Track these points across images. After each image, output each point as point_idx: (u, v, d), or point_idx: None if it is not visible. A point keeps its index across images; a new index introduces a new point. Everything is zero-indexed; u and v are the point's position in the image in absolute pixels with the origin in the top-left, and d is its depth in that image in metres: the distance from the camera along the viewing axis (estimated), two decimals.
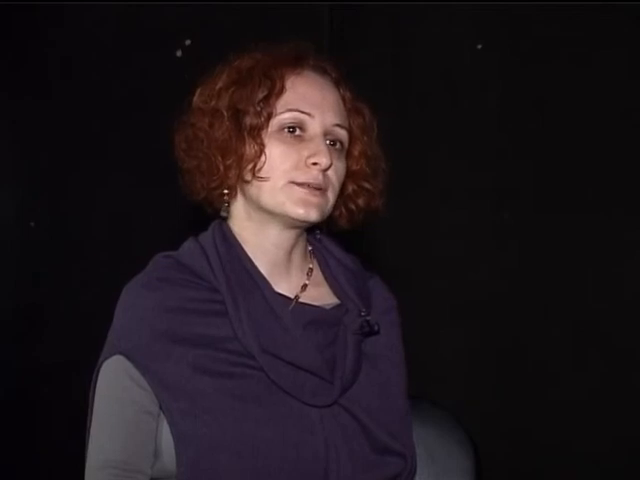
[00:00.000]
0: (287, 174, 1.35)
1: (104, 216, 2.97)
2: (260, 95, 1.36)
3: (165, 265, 1.41)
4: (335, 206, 1.43)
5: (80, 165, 2.97)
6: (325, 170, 1.35)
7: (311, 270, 1.47)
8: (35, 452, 3.00)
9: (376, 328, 1.43)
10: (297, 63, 1.40)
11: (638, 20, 2.45)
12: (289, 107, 1.36)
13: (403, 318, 1.55)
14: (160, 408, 1.33)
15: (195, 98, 1.41)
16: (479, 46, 2.64)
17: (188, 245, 1.44)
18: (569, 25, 2.52)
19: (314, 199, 1.35)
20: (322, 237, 1.52)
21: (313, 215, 1.36)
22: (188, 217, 1.47)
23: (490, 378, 2.63)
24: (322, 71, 1.42)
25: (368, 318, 1.43)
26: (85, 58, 2.98)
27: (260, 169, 1.36)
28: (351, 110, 1.44)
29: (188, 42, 2.86)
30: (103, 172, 2.93)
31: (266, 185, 1.36)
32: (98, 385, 1.37)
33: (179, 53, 2.87)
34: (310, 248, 1.50)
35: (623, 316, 2.49)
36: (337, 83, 1.43)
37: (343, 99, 1.43)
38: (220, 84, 1.39)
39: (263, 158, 1.35)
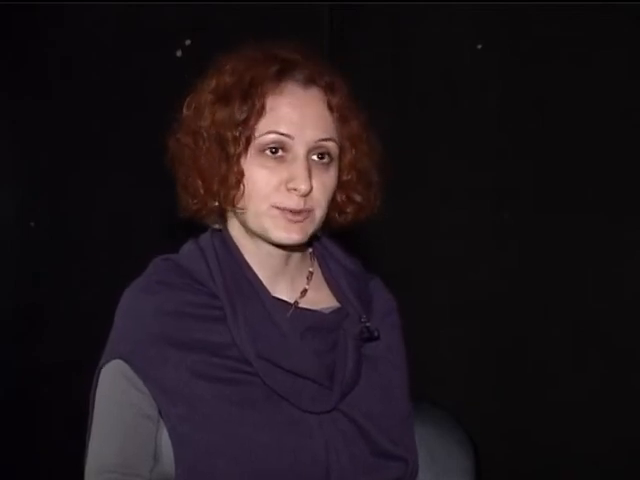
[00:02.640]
0: (268, 198, 1.32)
1: (104, 216, 2.97)
2: (239, 118, 1.32)
3: (164, 268, 1.41)
4: (328, 212, 1.40)
5: (80, 165, 2.97)
6: (306, 195, 1.32)
7: (311, 274, 1.46)
8: (35, 452, 3.00)
9: (376, 334, 1.42)
10: (279, 78, 1.34)
11: (638, 20, 2.45)
12: (268, 129, 1.32)
13: (403, 318, 1.55)
14: (159, 412, 1.32)
15: (184, 109, 1.39)
16: (479, 46, 2.63)
17: (188, 248, 1.44)
18: (569, 25, 2.52)
19: (296, 225, 1.33)
20: (323, 238, 1.50)
21: (296, 239, 1.34)
22: (193, 219, 1.47)
23: (490, 378, 2.63)
24: (308, 81, 1.36)
25: (368, 324, 1.42)
26: (85, 58, 2.97)
27: (240, 198, 1.34)
28: (339, 118, 1.38)
29: (188, 42, 2.86)
30: (103, 172, 2.93)
31: (249, 211, 1.34)
32: (98, 389, 1.37)
33: (179, 53, 2.87)
34: (310, 250, 1.49)
35: (623, 316, 2.49)
36: (326, 90, 1.37)
37: (330, 108, 1.37)
38: (203, 99, 1.37)
39: (242, 188, 1.33)
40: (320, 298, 1.44)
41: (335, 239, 1.53)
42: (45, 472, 2.98)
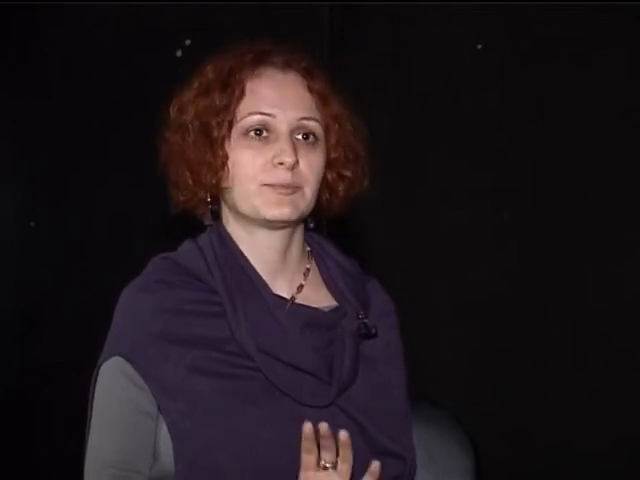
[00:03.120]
0: (256, 177, 1.35)
1: (104, 216, 2.97)
2: (220, 104, 1.35)
3: (163, 267, 1.41)
4: (320, 195, 1.42)
5: (80, 165, 2.97)
6: (292, 168, 1.34)
7: (308, 270, 1.46)
8: (35, 452, 3.00)
9: (373, 331, 1.42)
10: (256, 64, 1.38)
11: (638, 20, 2.45)
12: (250, 111, 1.35)
13: (403, 318, 1.54)
14: (158, 409, 1.33)
15: (170, 110, 1.42)
16: (479, 46, 2.64)
17: (186, 246, 1.44)
18: (569, 25, 2.52)
19: (286, 198, 1.34)
20: (321, 239, 1.51)
21: (287, 214, 1.35)
22: (188, 218, 1.47)
23: (490, 378, 2.63)
24: (285, 66, 1.40)
25: (365, 321, 1.42)
26: (85, 58, 2.98)
27: (226, 181, 1.36)
28: (320, 100, 1.40)
29: (188, 42, 2.86)
30: (103, 172, 2.93)
31: (238, 192, 1.36)
32: (97, 387, 1.37)
33: (179, 53, 2.87)
34: (309, 249, 1.49)
35: (623, 316, 2.49)
36: (304, 74, 1.40)
37: (310, 90, 1.40)
38: (186, 97, 1.40)
39: (227, 170, 1.36)
40: (318, 297, 1.44)
41: (334, 238, 1.54)
42: (45, 472, 2.98)
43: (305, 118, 1.37)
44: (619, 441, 2.48)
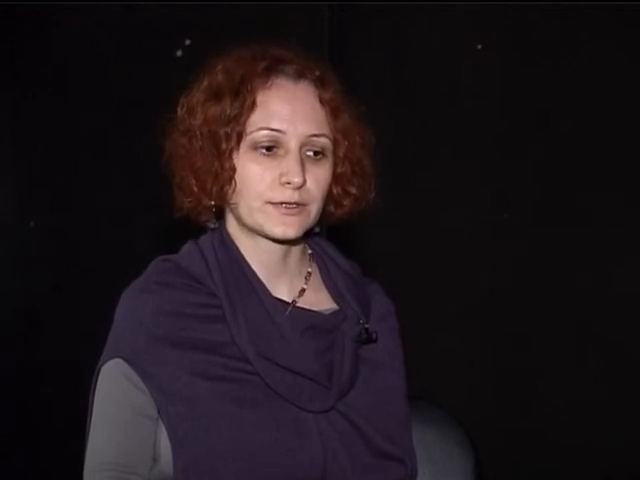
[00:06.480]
0: (262, 195, 1.34)
1: (104, 216, 2.97)
2: (231, 114, 1.34)
3: (164, 269, 1.41)
4: (324, 206, 1.41)
5: (80, 165, 2.97)
6: (299, 187, 1.33)
7: (309, 274, 1.46)
8: (35, 452, 3.00)
9: (374, 336, 1.42)
10: (268, 73, 1.36)
11: (638, 20, 2.45)
12: (260, 125, 1.34)
13: (403, 318, 1.55)
14: (158, 411, 1.33)
15: (178, 110, 1.41)
16: (479, 46, 2.64)
17: (187, 248, 1.44)
18: (569, 25, 2.52)
19: (291, 218, 1.34)
20: (322, 242, 1.51)
21: (291, 233, 1.35)
22: (189, 220, 1.47)
23: (490, 378, 2.63)
24: (298, 75, 1.38)
25: (366, 326, 1.42)
26: (85, 58, 2.97)
27: (233, 194, 1.36)
28: (330, 112, 1.39)
29: (188, 42, 2.86)
30: (103, 172, 2.93)
31: (243, 206, 1.36)
32: (97, 388, 1.37)
33: (179, 53, 2.87)
34: (310, 252, 1.49)
35: (623, 316, 2.49)
36: (316, 84, 1.38)
37: (322, 102, 1.38)
38: (196, 99, 1.38)
39: (234, 184, 1.35)
40: (319, 300, 1.45)
41: (335, 239, 1.54)
42: (45, 472, 2.98)
43: (315, 135, 1.36)
44: (619, 441, 2.48)
